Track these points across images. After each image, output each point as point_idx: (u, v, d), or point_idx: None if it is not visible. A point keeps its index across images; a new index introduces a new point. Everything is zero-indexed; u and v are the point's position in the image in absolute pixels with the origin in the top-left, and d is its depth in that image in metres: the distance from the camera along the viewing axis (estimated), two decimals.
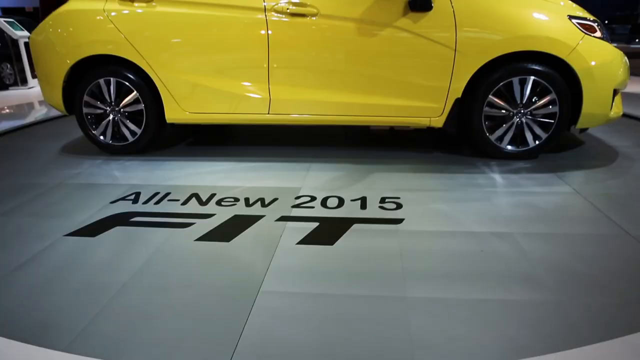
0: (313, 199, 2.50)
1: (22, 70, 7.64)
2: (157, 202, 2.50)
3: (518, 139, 3.05)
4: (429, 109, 3.00)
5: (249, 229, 2.17)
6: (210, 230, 2.16)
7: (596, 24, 2.92)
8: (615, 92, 2.98)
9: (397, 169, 2.99)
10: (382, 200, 2.47)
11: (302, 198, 2.51)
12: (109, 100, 3.22)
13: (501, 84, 2.91)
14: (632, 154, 3.27)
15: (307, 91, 3.03)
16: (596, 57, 2.84)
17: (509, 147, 3.07)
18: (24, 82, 7.74)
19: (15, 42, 7.44)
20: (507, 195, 2.53)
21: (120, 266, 1.86)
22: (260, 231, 2.15)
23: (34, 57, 3.27)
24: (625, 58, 3.05)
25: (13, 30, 7.31)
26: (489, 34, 2.81)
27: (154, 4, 2.98)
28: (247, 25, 2.93)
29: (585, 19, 2.90)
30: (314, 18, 2.89)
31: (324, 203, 2.44)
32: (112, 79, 3.16)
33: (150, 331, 1.46)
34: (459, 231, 2.12)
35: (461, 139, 3.61)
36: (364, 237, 2.07)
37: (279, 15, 2.90)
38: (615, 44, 3.02)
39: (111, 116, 3.25)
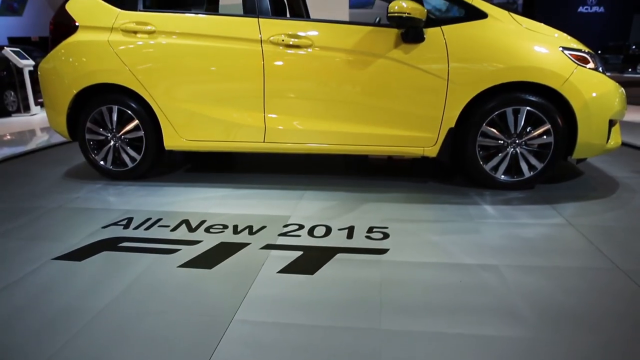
0: (301, 227, 2.50)
1: (26, 98, 7.81)
2: (147, 228, 2.53)
3: (513, 168, 3.03)
4: (423, 139, 3.01)
5: (232, 256, 2.17)
6: (195, 257, 2.17)
7: (590, 55, 2.92)
8: (612, 122, 2.95)
9: (390, 198, 2.98)
10: (370, 229, 2.45)
11: (290, 226, 2.52)
12: (110, 127, 3.31)
13: (495, 114, 2.92)
14: (633, 185, 3.21)
15: (301, 120, 3.08)
16: (590, 88, 2.83)
17: (504, 177, 3.04)
18: (27, 109, 7.91)
19: (20, 70, 7.67)
20: (497, 227, 2.50)
21: (100, 291, 1.88)
22: (244, 259, 2.15)
23: (42, 85, 3.40)
24: (622, 89, 3.03)
25: (18, 59, 7.54)
26: (481, 65, 2.84)
27: (155, 35, 3.09)
28: (244, 56, 3.01)
29: (579, 50, 2.90)
30: (309, 50, 2.96)
31: (311, 232, 2.44)
32: (114, 106, 3.26)
33: (118, 358, 1.46)
34: (444, 262, 2.09)
35: (456, 168, 3.60)
36: (346, 266, 2.06)
37: (274, 46, 2.98)
38: (609, 74, 3.01)
39: (112, 142, 3.34)
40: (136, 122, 3.25)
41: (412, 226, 2.51)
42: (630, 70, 18.32)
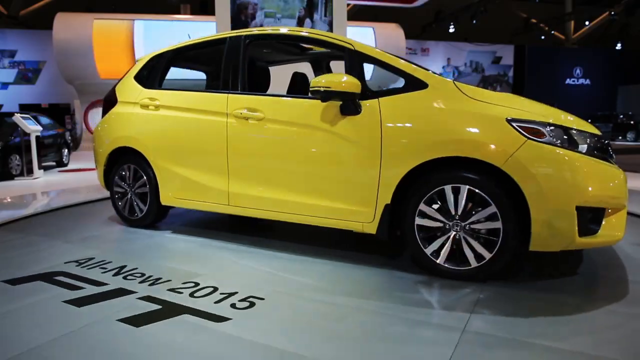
0: (196, 285, 2.61)
1: (30, 162, 8.09)
2: (90, 268, 2.95)
3: (458, 255, 2.62)
4: (360, 213, 2.86)
5: (106, 301, 2.41)
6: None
7: (560, 129, 2.46)
8: (588, 210, 2.38)
9: (320, 270, 2.86)
10: (246, 298, 2.43)
11: (188, 283, 2.65)
12: (128, 182, 3.98)
13: (433, 191, 2.62)
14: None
15: (255, 187, 3.25)
16: (544, 166, 2.38)
17: (447, 265, 2.65)
18: (30, 172, 8.09)
19: (27, 135, 8.01)
20: (390, 327, 2.21)
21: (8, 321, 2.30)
22: (104, 305, 2.35)
23: (94, 145, 4.31)
24: (615, 170, 2.44)
25: (27, 125, 7.95)
26: (414, 139, 2.65)
27: (158, 108, 3.71)
28: (214, 127, 3.38)
29: (530, 122, 2.46)
30: (261, 122, 3.16)
31: (195, 290, 2.53)
32: (131, 165, 3.93)
33: None
34: (277, 348, 1.93)
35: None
36: (171, 328, 2.11)
37: (236, 119, 3.27)
38: None
39: (129, 195, 3.99)
40: (144, 179, 3.85)
41: (295, 303, 2.39)
42: (620, 138, 19.97)
